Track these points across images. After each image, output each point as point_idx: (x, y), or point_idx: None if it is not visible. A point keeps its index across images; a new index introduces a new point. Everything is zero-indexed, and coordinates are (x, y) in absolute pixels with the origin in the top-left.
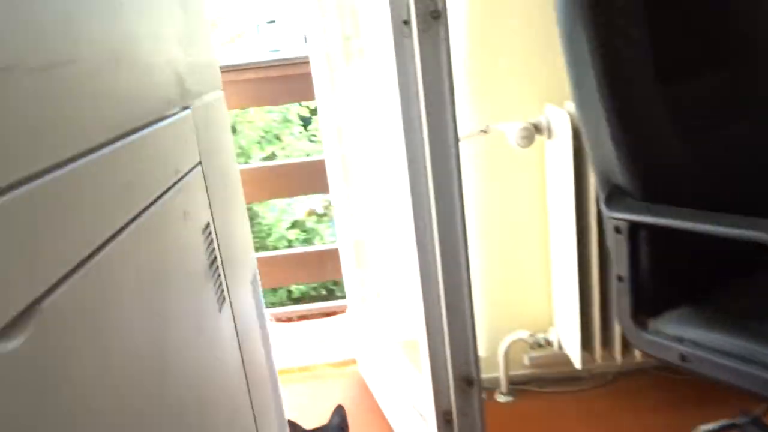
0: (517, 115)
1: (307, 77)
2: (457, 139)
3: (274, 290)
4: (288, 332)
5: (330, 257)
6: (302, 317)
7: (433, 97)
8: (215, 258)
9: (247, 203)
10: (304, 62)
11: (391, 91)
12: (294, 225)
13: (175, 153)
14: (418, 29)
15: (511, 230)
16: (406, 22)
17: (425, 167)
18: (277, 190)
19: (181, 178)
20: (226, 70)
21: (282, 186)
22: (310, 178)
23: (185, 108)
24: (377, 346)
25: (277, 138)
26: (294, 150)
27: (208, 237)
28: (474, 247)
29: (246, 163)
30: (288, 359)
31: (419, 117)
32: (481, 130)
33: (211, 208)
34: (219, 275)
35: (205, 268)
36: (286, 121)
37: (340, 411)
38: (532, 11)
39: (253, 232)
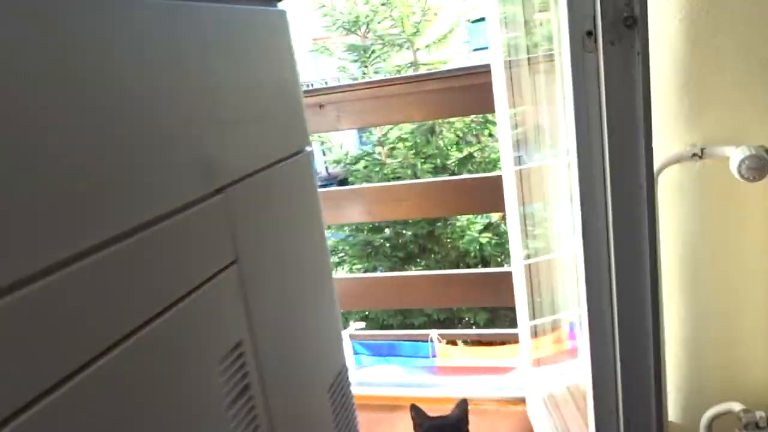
0: (747, 136)
1: (490, 88)
2: (651, 176)
3: None
4: (456, 356)
5: (506, 281)
6: (476, 342)
7: (620, 127)
8: (246, 386)
9: (421, 218)
10: (486, 71)
11: (568, 113)
12: (487, 228)
13: (179, 263)
14: (605, 41)
15: (728, 279)
16: (590, 33)
17: (605, 209)
18: (452, 207)
19: (187, 295)
20: (407, 81)
21: (458, 203)
22: (487, 194)
23: (216, 193)
24: (548, 388)
25: (476, 138)
26: (492, 151)
27: (236, 361)
28: (676, 295)
29: (443, 164)
30: (450, 386)
31: (600, 149)
32: (694, 154)
33: (249, 318)
34: (252, 407)
35: (220, 408)
36: (486, 122)
37: (463, 405)
38: None
39: (445, 233)
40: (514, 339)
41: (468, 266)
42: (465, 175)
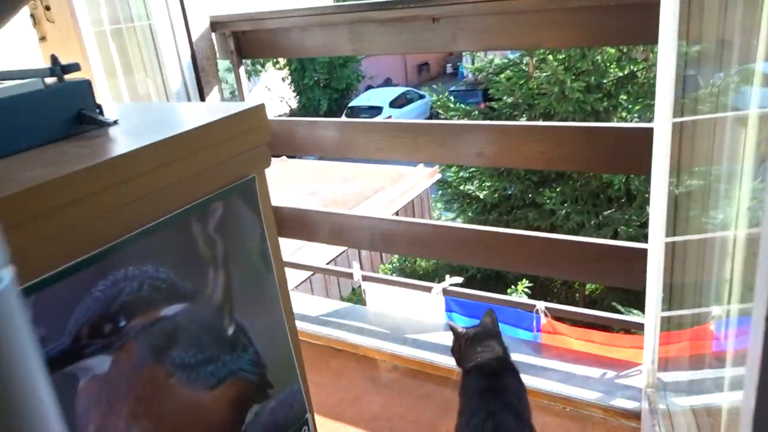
0: None
1: (656, 8)
2: None
3: None
4: (565, 335)
5: (640, 259)
6: (593, 326)
7: None
8: None
9: (544, 170)
10: None
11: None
12: None
13: None
14: None
15: None
16: None
17: None
18: (583, 162)
19: None
20: None
21: (591, 157)
22: (630, 150)
23: None
24: (675, 405)
25: (644, 55)
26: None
27: None
28: None
29: (597, 83)
30: (551, 376)
31: None
32: None
33: None
34: None
35: None
36: None
37: (491, 313)
38: None
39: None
40: (636, 327)
41: (609, 200)
42: (604, 123)
